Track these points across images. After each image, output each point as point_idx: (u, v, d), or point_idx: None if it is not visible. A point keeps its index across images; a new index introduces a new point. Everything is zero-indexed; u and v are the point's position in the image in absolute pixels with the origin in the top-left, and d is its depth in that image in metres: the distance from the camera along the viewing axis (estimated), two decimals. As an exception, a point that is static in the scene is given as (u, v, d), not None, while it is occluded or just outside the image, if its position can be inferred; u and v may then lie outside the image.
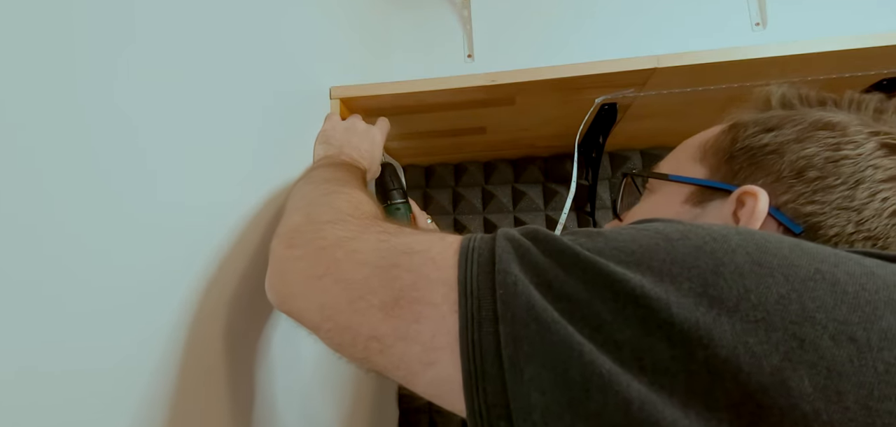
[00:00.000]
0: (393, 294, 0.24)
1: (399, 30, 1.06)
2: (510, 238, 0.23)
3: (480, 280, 0.22)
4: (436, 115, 0.70)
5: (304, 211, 0.33)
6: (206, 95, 0.34)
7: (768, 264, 0.18)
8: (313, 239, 0.29)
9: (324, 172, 0.41)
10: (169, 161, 0.30)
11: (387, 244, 0.26)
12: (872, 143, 0.28)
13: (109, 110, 0.25)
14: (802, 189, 0.29)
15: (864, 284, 0.17)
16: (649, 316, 0.18)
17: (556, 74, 0.56)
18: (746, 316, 0.17)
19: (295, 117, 0.50)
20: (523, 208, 0.96)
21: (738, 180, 0.32)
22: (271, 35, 0.45)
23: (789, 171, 0.30)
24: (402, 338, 0.23)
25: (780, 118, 0.32)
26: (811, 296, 0.17)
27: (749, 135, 0.32)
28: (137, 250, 0.27)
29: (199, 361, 0.32)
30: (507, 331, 0.20)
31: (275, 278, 0.31)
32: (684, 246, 0.20)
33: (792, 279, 0.17)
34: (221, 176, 0.36)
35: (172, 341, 0.30)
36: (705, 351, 0.17)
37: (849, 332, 0.16)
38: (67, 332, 0.22)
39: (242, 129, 0.39)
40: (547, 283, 0.21)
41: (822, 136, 0.29)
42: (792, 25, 0.95)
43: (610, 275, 0.19)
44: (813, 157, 0.29)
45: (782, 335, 0.16)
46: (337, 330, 0.26)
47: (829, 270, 0.18)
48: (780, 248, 0.19)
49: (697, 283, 0.18)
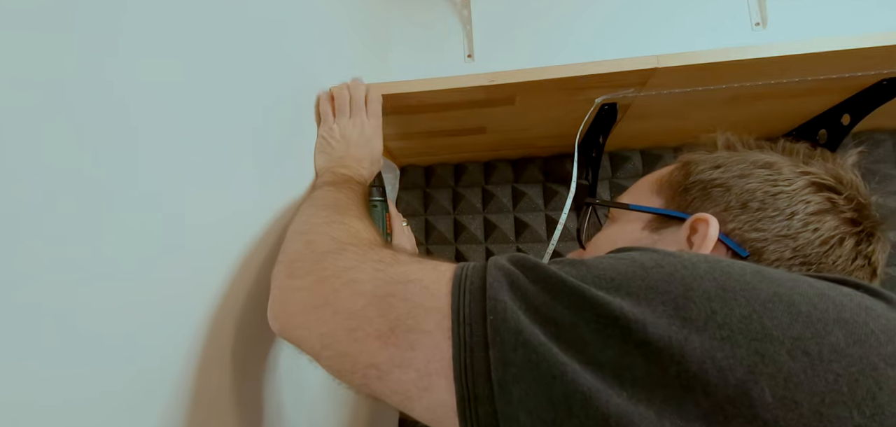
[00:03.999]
0: (389, 323, 0.25)
1: (399, 30, 1.06)
2: (501, 267, 0.25)
3: (472, 307, 0.23)
4: (436, 115, 0.70)
5: (305, 238, 0.35)
6: (205, 98, 0.34)
7: (732, 288, 0.20)
8: (313, 269, 0.31)
9: (326, 196, 0.43)
10: (168, 169, 0.29)
11: (383, 274, 0.28)
12: (802, 181, 0.33)
13: (109, 118, 0.25)
14: (747, 218, 0.33)
15: (816, 304, 0.19)
16: (628, 336, 0.20)
17: (556, 74, 0.56)
18: (714, 334, 0.19)
19: (295, 117, 0.50)
20: (523, 208, 0.96)
21: (691, 210, 0.35)
22: (271, 35, 0.45)
23: (736, 203, 0.34)
24: (399, 365, 0.24)
25: (725, 157, 0.37)
26: (770, 316, 0.19)
27: (700, 170, 0.36)
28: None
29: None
30: (496, 355, 0.21)
31: (276, 306, 0.32)
32: (658, 273, 0.22)
33: (753, 301, 0.19)
34: (220, 178, 0.36)
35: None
36: (678, 366, 0.18)
37: (803, 346, 0.18)
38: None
39: (242, 129, 0.39)
40: (535, 309, 0.22)
41: (761, 173, 0.34)
42: (792, 25, 0.95)
43: (593, 299, 0.21)
44: (755, 191, 0.33)
45: (745, 351, 0.18)
46: (336, 357, 0.27)
47: (786, 293, 0.20)
48: (743, 274, 0.21)
49: (670, 306, 0.20)
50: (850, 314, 0.19)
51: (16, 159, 0.20)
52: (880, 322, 0.19)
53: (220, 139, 0.35)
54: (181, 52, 0.31)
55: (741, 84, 0.60)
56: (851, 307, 0.19)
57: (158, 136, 0.29)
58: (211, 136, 0.34)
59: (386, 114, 0.66)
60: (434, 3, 1.07)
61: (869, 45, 0.52)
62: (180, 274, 0.30)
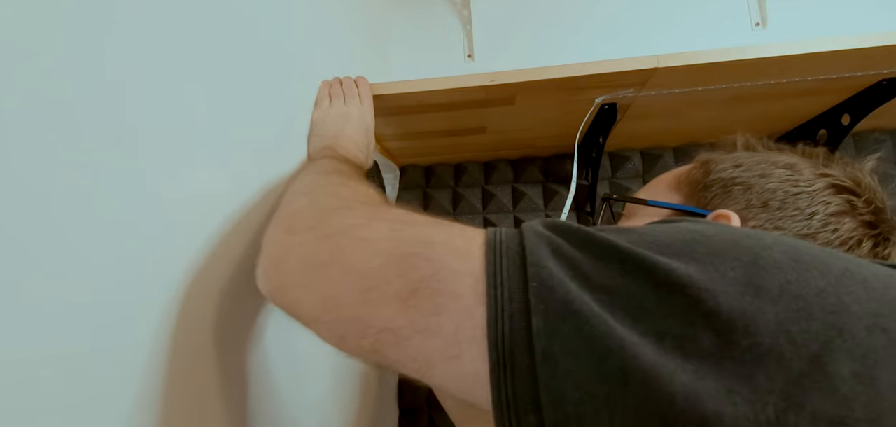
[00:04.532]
0: (410, 284, 0.23)
1: (399, 30, 1.06)
2: (539, 233, 0.23)
3: (511, 272, 0.21)
4: (436, 115, 0.70)
5: (308, 197, 0.32)
6: (203, 93, 0.34)
7: (804, 260, 0.19)
8: (316, 225, 0.28)
9: (326, 164, 0.40)
10: (166, 159, 0.29)
11: (401, 233, 0.25)
12: (822, 183, 0.33)
13: (98, 98, 0.25)
14: (768, 217, 0.33)
15: (888, 283, 0.19)
16: (694, 305, 0.18)
17: (556, 74, 0.56)
18: (788, 305, 0.18)
19: (295, 117, 0.50)
20: (523, 208, 0.96)
21: (711, 207, 0.35)
22: (271, 35, 0.45)
23: (756, 201, 0.33)
24: (421, 331, 0.22)
25: (745, 157, 0.37)
26: (846, 290, 0.18)
27: (721, 168, 0.36)
28: (123, 248, 0.25)
29: (190, 376, 0.31)
30: (540, 324, 0.20)
31: (269, 265, 0.29)
32: (721, 240, 0.20)
33: (827, 275, 0.19)
34: (219, 176, 0.36)
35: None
36: (750, 339, 0.17)
37: (881, 323, 0.18)
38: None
39: (241, 128, 0.39)
40: (584, 276, 0.20)
41: (782, 173, 0.34)
42: (792, 25, 0.95)
43: (654, 264, 0.20)
44: (775, 191, 0.33)
45: (821, 324, 0.17)
46: (340, 322, 0.25)
47: (857, 269, 0.19)
48: (811, 247, 0.20)
49: (741, 273, 0.19)
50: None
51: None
52: None
53: (214, 125, 0.35)
54: (180, 53, 0.31)
55: (741, 84, 0.60)
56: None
57: (150, 123, 0.28)
58: (204, 122, 0.34)
59: (386, 114, 0.66)
60: (434, 3, 1.07)
61: (869, 45, 0.52)
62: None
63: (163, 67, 0.29)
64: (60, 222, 0.22)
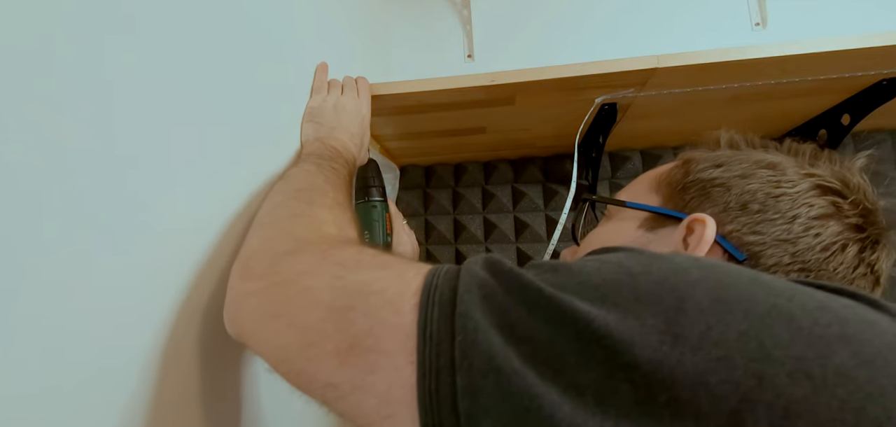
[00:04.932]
0: (347, 340, 0.23)
1: (399, 30, 1.06)
2: (474, 275, 0.22)
3: (440, 324, 0.21)
4: (436, 115, 0.70)
5: (264, 232, 0.32)
6: (200, 94, 0.34)
7: (728, 300, 0.18)
8: (267, 272, 0.28)
9: (301, 177, 0.39)
10: (159, 167, 0.29)
11: (342, 281, 0.25)
12: (807, 184, 0.31)
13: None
14: (746, 220, 0.31)
15: (818, 319, 0.18)
16: (613, 357, 0.18)
17: (556, 74, 0.56)
18: (708, 354, 0.17)
19: (295, 117, 0.50)
20: (523, 208, 0.96)
21: (688, 209, 0.34)
22: (270, 35, 0.45)
23: (735, 204, 0.32)
24: (358, 388, 0.22)
25: (727, 156, 0.35)
26: (769, 332, 0.17)
27: (700, 169, 0.35)
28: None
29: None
30: (463, 381, 0.19)
31: (230, 311, 0.29)
32: (647, 280, 0.20)
33: (751, 315, 0.18)
34: (217, 177, 0.36)
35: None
36: (668, 393, 0.17)
37: (805, 368, 0.16)
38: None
39: (240, 128, 0.39)
40: (510, 326, 0.20)
41: (764, 174, 0.32)
42: (792, 25, 0.95)
43: (574, 313, 0.19)
44: (756, 193, 0.32)
45: (742, 373, 0.16)
46: (292, 373, 0.25)
47: (785, 305, 0.18)
48: (739, 282, 0.19)
49: (661, 320, 0.18)
50: (854, 329, 0.17)
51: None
52: (886, 338, 0.17)
53: (214, 140, 0.35)
54: (179, 54, 0.31)
55: (741, 84, 0.60)
56: (855, 321, 0.18)
57: (143, 129, 0.28)
58: (204, 136, 0.34)
59: (386, 114, 0.66)
60: (434, 3, 1.07)
61: (869, 45, 0.52)
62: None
63: (161, 69, 0.29)
64: (50, 234, 0.22)
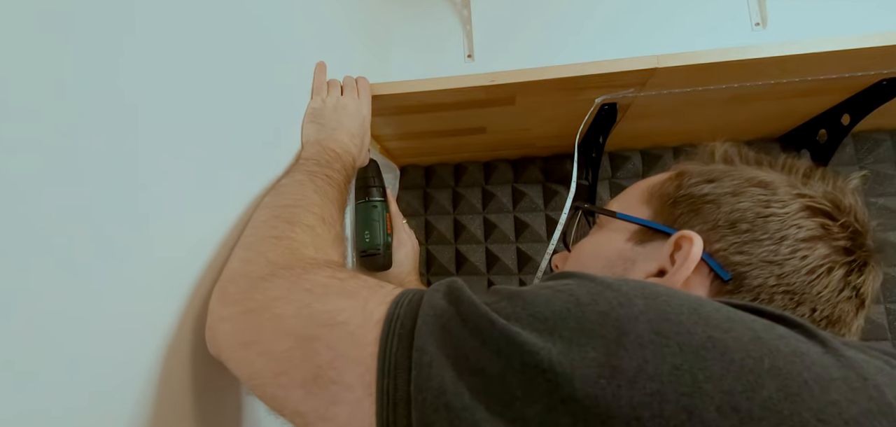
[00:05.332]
0: (312, 371, 0.24)
1: (399, 30, 1.06)
2: (434, 305, 0.23)
3: (398, 357, 0.22)
4: (436, 115, 0.70)
5: (244, 254, 0.33)
6: (200, 97, 0.34)
7: (666, 333, 0.19)
8: (242, 299, 0.29)
9: (291, 190, 0.40)
10: (157, 169, 0.29)
11: (310, 310, 0.26)
12: (797, 204, 0.31)
13: (99, 119, 0.25)
14: (734, 239, 0.31)
15: (750, 352, 0.18)
16: (554, 390, 0.18)
17: (556, 74, 0.56)
18: (643, 388, 0.17)
19: (295, 118, 0.50)
20: (523, 208, 0.96)
21: (678, 225, 0.34)
22: (270, 36, 0.45)
23: (724, 222, 0.32)
24: (323, 418, 0.23)
25: (720, 172, 0.35)
26: (702, 366, 0.18)
27: (692, 183, 0.35)
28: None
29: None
30: (418, 416, 0.20)
31: (209, 334, 0.30)
32: (592, 312, 0.20)
33: (686, 348, 0.18)
34: (216, 178, 0.36)
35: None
36: (603, 426, 0.17)
37: (733, 402, 0.17)
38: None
39: (240, 129, 0.39)
40: (463, 358, 0.21)
41: (755, 192, 0.32)
42: (792, 25, 0.95)
43: (521, 346, 0.20)
44: (745, 211, 0.32)
45: (673, 408, 0.17)
46: (267, 398, 0.26)
47: (721, 337, 0.19)
48: (680, 314, 0.20)
49: (602, 352, 0.19)
50: (783, 362, 0.18)
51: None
52: (814, 370, 0.18)
53: (212, 141, 0.35)
54: (177, 55, 0.31)
55: (741, 84, 0.60)
56: (786, 353, 0.18)
57: (150, 138, 0.28)
58: (202, 138, 0.34)
59: (386, 114, 0.66)
60: (434, 3, 1.07)
61: (869, 45, 0.52)
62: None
63: (160, 69, 0.29)
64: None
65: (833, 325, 0.30)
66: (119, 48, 0.26)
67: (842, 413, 0.17)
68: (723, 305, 0.21)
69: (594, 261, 0.38)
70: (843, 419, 0.16)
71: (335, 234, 0.37)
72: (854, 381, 0.18)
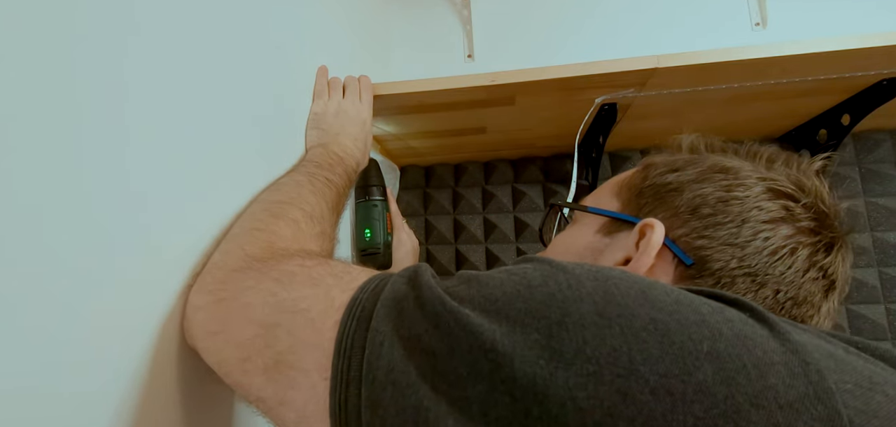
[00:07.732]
0: (273, 357, 0.24)
1: (399, 30, 1.06)
2: (396, 288, 0.23)
3: (355, 338, 0.22)
4: (436, 115, 0.70)
5: (226, 246, 0.33)
6: (200, 97, 0.34)
7: (609, 315, 0.18)
8: (215, 289, 0.30)
9: (287, 188, 0.40)
10: (159, 167, 0.29)
11: (275, 298, 0.26)
12: (760, 188, 0.31)
13: (98, 117, 0.25)
14: (696, 224, 0.32)
15: (692, 334, 0.18)
16: (496, 370, 0.18)
17: (556, 74, 0.56)
18: (580, 369, 0.17)
19: (295, 118, 0.50)
20: (523, 208, 0.96)
21: (642, 214, 0.35)
22: (270, 36, 0.45)
23: (686, 208, 0.32)
24: (281, 402, 0.24)
25: (684, 160, 0.35)
26: (640, 348, 0.17)
27: (657, 173, 0.36)
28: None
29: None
30: (367, 393, 0.20)
31: (184, 323, 0.31)
32: (540, 294, 0.20)
33: (627, 331, 0.18)
34: (217, 180, 0.35)
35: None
36: (540, 406, 0.17)
37: (668, 385, 0.16)
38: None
39: (239, 129, 0.39)
40: (416, 338, 0.21)
41: (717, 178, 0.33)
42: (792, 25, 0.95)
43: (468, 327, 0.20)
44: (708, 197, 0.32)
45: (608, 389, 0.17)
46: (234, 385, 0.27)
47: (663, 320, 0.18)
48: (627, 296, 0.19)
49: (544, 334, 0.18)
50: (725, 345, 0.18)
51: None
52: (755, 354, 0.17)
53: (211, 142, 0.35)
54: (176, 55, 0.31)
55: (741, 84, 0.60)
56: (729, 336, 0.18)
57: (147, 138, 0.28)
58: (201, 139, 0.34)
59: (386, 114, 0.66)
60: (434, 3, 1.07)
61: (869, 45, 0.52)
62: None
63: (160, 70, 0.29)
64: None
65: (799, 306, 0.30)
66: (123, 48, 0.26)
67: (777, 398, 0.16)
68: (676, 290, 0.21)
69: (566, 254, 0.39)
70: (778, 404, 0.16)
71: (320, 230, 0.37)
72: (795, 365, 0.17)
